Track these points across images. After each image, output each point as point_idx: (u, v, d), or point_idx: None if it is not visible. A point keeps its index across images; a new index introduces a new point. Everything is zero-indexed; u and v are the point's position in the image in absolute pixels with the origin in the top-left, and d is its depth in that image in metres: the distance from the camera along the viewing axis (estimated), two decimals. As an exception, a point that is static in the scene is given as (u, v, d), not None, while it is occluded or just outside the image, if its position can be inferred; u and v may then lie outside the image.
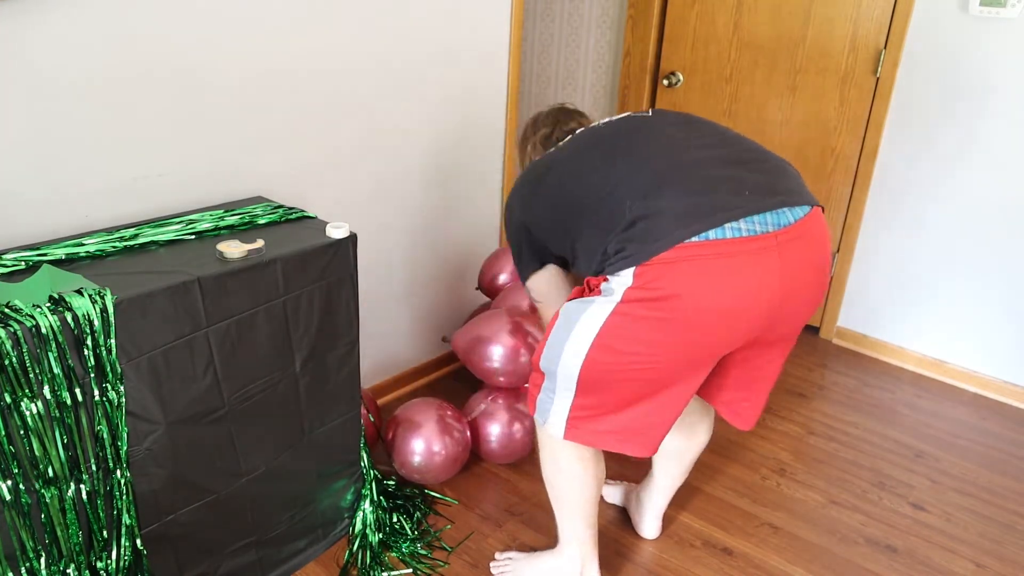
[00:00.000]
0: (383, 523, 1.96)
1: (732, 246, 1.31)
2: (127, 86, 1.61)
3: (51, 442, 1.28)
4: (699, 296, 1.32)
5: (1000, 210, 2.66)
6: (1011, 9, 2.46)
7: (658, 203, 1.35)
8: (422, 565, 1.90)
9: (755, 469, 2.34)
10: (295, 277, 1.59)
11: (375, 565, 1.87)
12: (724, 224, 1.31)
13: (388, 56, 2.15)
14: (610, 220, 1.39)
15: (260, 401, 1.61)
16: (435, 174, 2.45)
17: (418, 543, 1.95)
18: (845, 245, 3.02)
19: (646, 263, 1.32)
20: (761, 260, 1.33)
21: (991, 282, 2.74)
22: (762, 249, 1.33)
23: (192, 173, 1.79)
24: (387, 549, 1.93)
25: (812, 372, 2.92)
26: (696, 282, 1.32)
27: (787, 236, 1.35)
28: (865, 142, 2.87)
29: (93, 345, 1.29)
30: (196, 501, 1.56)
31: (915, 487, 2.30)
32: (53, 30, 1.47)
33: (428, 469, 2.07)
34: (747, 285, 1.33)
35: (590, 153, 1.54)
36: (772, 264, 1.34)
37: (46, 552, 1.33)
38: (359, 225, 2.19)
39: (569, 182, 1.53)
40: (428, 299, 2.60)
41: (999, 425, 2.65)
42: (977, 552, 2.06)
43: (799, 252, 1.37)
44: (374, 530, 1.94)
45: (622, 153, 1.47)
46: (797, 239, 1.36)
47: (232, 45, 1.78)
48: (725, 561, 1.98)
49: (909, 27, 2.67)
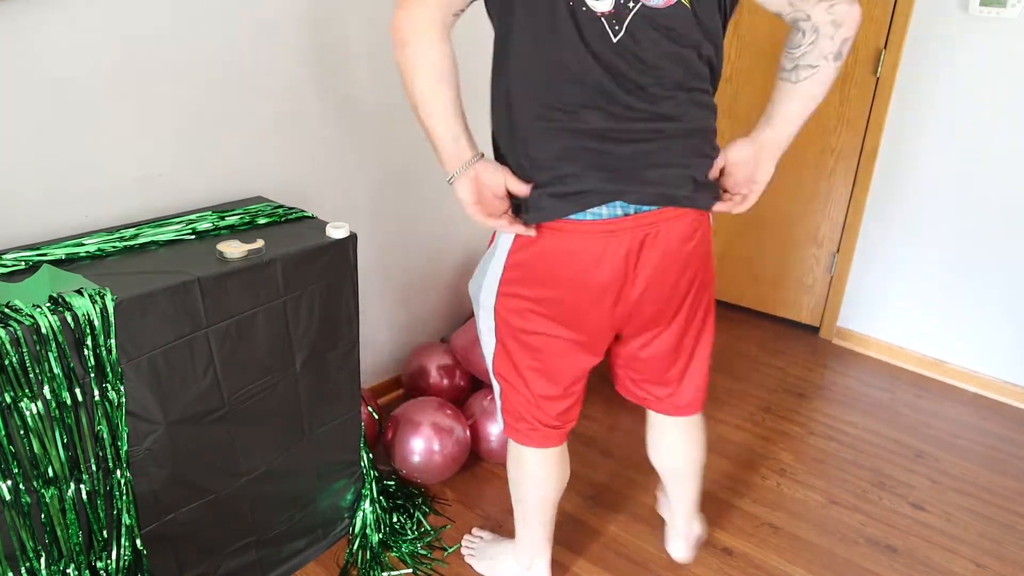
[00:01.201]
0: (383, 523, 1.96)
1: (591, 226, 1.31)
2: (127, 86, 1.61)
3: (51, 442, 1.28)
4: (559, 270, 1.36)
5: (1000, 210, 2.66)
6: (1011, 9, 2.45)
7: (534, 158, 1.30)
8: (422, 565, 1.90)
9: (755, 469, 2.34)
10: (295, 277, 1.59)
11: (375, 565, 1.87)
12: (590, 208, 1.30)
13: (387, 55, 2.15)
14: (509, 128, 1.34)
15: (260, 401, 1.61)
16: (435, 174, 2.45)
17: (418, 543, 1.95)
18: (845, 245, 3.02)
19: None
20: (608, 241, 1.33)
21: (991, 282, 2.74)
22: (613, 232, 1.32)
23: (192, 173, 1.79)
24: (387, 549, 1.93)
25: (812, 372, 2.92)
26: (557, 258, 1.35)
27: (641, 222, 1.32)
28: (865, 142, 2.87)
29: (93, 345, 1.29)
30: (196, 501, 1.56)
31: (915, 487, 2.30)
32: (53, 30, 1.47)
33: (428, 468, 2.07)
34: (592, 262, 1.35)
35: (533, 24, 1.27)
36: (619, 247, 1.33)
37: (46, 552, 1.33)
38: (359, 225, 2.19)
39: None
40: (428, 299, 2.60)
41: (999, 425, 2.65)
42: (977, 552, 2.06)
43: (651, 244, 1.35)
44: (374, 530, 1.94)
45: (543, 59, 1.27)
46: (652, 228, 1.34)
47: (232, 45, 1.78)
48: (725, 561, 1.98)
49: (909, 27, 2.67)
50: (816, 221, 3.07)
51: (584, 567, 1.93)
